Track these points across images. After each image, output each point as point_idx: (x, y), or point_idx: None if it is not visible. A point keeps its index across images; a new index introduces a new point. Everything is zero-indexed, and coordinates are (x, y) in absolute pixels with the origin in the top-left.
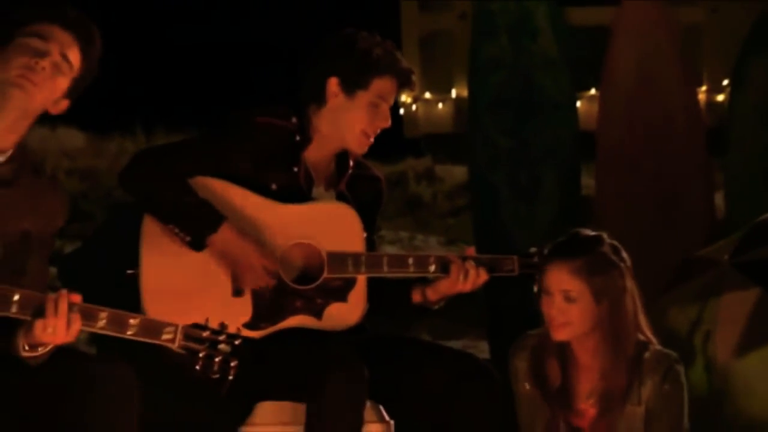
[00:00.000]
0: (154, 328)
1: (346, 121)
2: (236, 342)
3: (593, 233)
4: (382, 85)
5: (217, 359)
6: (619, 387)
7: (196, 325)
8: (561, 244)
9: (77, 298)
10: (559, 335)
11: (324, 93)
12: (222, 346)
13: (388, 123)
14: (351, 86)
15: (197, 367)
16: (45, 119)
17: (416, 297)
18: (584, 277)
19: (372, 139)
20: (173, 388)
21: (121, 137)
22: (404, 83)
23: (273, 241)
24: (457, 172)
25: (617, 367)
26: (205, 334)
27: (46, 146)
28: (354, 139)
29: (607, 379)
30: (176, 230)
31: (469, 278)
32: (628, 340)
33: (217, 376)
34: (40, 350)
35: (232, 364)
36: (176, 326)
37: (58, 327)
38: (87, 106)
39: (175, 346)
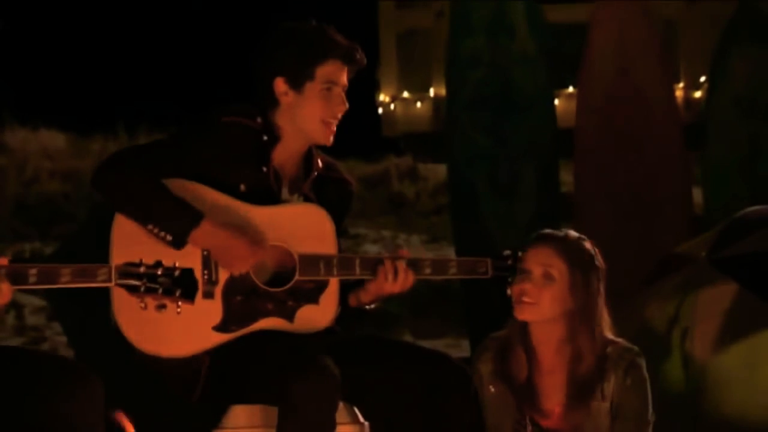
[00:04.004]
0: (88, 272)
1: (303, 116)
2: (175, 273)
3: (579, 235)
4: (326, 70)
5: (159, 291)
6: (587, 384)
7: (130, 263)
8: (548, 233)
9: (3, 261)
10: (523, 314)
11: (274, 94)
12: (162, 280)
13: (345, 105)
14: (297, 81)
15: (142, 305)
16: (25, 120)
17: (352, 301)
18: (567, 262)
19: (334, 127)
20: (145, 394)
21: (103, 137)
22: (349, 61)
23: None
24: (440, 171)
25: (585, 363)
26: (142, 269)
27: (28, 147)
28: (316, 130)
29: (574, 376)
30: (156, 230)
31: (397, 279)
32: (597, 341)
33: (164, 306)
34: None
35: (177, 293)
36: (109, 266)
37: None
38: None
39: (112, 285)
